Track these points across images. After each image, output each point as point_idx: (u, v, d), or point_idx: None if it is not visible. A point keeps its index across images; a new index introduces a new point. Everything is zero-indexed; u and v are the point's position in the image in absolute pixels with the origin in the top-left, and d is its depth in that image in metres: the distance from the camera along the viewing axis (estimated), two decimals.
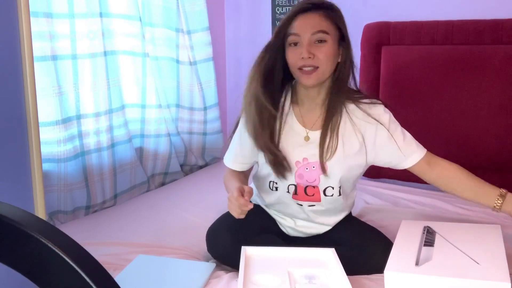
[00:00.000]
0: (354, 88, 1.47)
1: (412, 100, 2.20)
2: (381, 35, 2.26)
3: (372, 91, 2.28)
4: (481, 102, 2.08)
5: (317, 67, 1.35)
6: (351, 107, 1.44)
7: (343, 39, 1.40)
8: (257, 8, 2.73)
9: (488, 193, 1.39)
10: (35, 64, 1.31)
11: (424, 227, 1.44)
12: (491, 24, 2.07)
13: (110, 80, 2.03)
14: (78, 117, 1.92)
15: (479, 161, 2.11)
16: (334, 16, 1.38)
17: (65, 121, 1.85)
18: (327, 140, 1.41)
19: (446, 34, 2.14)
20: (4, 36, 1.20)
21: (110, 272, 1.27)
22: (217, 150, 2.69)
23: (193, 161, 2.58)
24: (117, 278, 1.38)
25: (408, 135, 1.47)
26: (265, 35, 2.73)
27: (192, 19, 2.40)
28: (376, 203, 2.03)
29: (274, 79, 1.42)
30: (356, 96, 1.45)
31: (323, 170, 1.42)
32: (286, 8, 2.61)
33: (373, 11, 2.37)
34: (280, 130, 1.45)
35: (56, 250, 0.46)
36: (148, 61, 2.25)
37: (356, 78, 1.46)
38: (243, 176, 1.56)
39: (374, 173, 2.23)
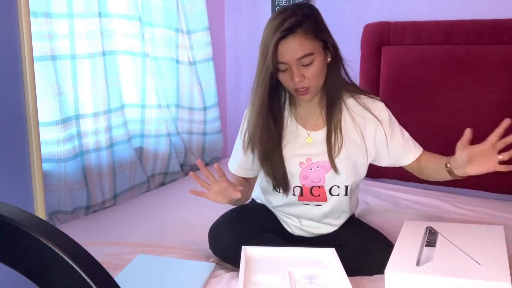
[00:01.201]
0: (348, 81, 1.46)
1: (411, 100, 2.20)
2: (381, 35, 2.26)
3: (372, 91, 2.27)
4: (480, 102, 2.08)
5: (309, 87, 1.35)
6: (351, 102, 1.45)
7: (327, 43, 1.37)
8: (257, 8, 2.73)
9: (443, 159, 1.40)
10: (34, 64, 1.31)
11: (427, 227, 1.44)
12: (491, 24, 2.07)
13: (109, 80, 2.03)
14: (77, 117, 1.92)
15: None
16: (313, 30, 1.32)
17: (65, 121, 1.84)
18: (333, 137, 1.42)
19: (446, 34, 2.14)
20: (4, 36, 1.20)
21: (110, 272, 1.27)
22: (217, 150, 2.69)
23: (193, 161, 2.58)
24: (117, 278, 1.38)
25: (406, 133, 1.48)
26: None
27: (192, 19, 2.40)
28: (376, 204, 2.03)
29: (273, 97, 1.41)
30: (355, 90, 1.46)
31: (334, 167, 1.42)
32: None
33: (373, 11, 2.37)
34: (282, 135, 1.45)
35: (56, 250, 0.46)
36: (148, 61, 2.25)
37: (348, 70, 1.45)
38: (247, 183, 1.54)
39: (374, 173, 2.23)
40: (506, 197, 2.12)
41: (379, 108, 1.44)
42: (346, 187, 1.46)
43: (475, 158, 1.27)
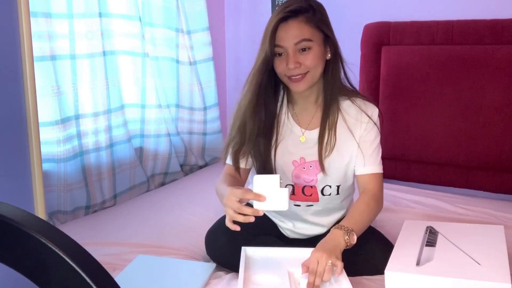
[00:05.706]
0: (348, 85, 1.47)
1: (412, 100, 2.20)
2: (381, 35, 2.26)
3: (372, 91, 2.28)
4: (481, 102, 2.08)
5: (306, 72, 1.35)
6: (346, 104, 1.45)
7: (328, 37, 1.39)
8: (257, 8, 2.73)
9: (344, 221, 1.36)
10: (34, 64, 1.31)
11: (427, 227, 1.44)
12: (491, 24, 2.07)
13: (109, 80, 2.03)
14: (77, 117, 1.92)
15: (479, 161, 2.11)
16: (315, 19, 1.34)
17: (64, 121, 1.84)
18: (326, 138, 1.42)
19: (446, 34, 2.14)
20: (4, 36, 1.20)
21: (110, 272, 1.27)
22: (217, 150, 2.69)
23: (193, 161, 2.58)
24: (117, 278, 1.38)
25: (379, 149, 1.47)
26: None
27: (192, 19, 2.40)
28: None
29: (267, 87, 1.41)
30: (351, 93, 1.46)
31: (322, 168, 1.42)
32: None
33: (373, 11, 2.37)
34: (277, 132, 1.45)
35: (56, 250, 0.46)
36: (148, 61, 2.25)
37: (348, 74, 1.46)
38: (239, 178, 1.52)
39: None
40: (506, 197, 2.12)
41: (373, 112, 1.45)
42: (338, 186, 1.46)
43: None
